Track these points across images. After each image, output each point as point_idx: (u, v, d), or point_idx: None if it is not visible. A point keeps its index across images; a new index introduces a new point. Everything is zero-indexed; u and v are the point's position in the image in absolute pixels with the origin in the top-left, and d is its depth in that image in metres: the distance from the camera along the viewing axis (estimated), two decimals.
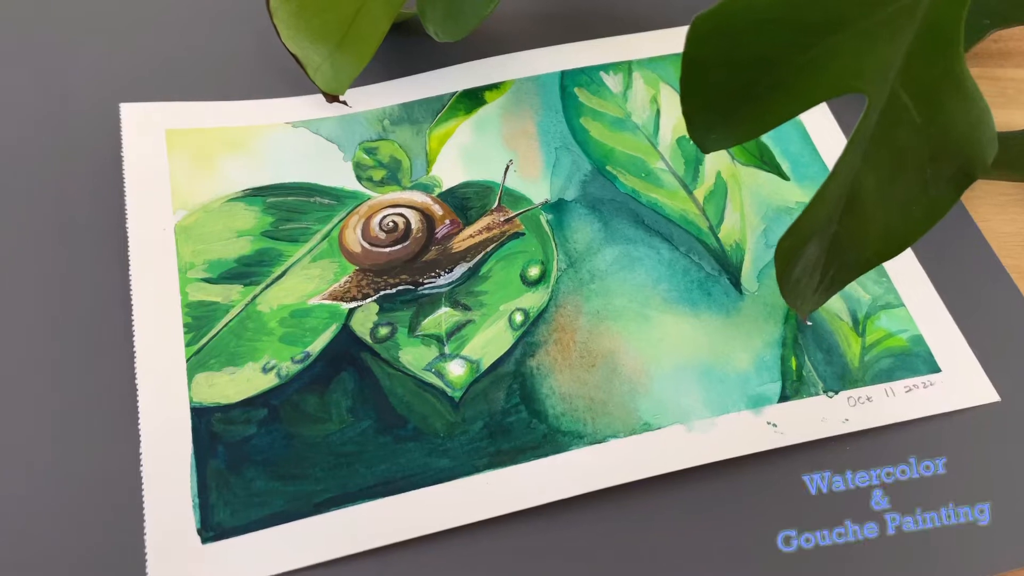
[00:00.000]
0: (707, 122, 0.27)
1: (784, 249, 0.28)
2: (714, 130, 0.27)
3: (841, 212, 0.27)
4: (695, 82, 0.26)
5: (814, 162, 0.40)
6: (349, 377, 0.33)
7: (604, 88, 0.41)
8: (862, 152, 0.26)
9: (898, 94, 0.25)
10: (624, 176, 0.39)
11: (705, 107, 0.26)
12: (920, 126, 0.25)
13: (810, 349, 0.34)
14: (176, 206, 0.37)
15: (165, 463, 0.31)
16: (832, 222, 0.28)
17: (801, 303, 0.30)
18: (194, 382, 0.32)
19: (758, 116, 0.27)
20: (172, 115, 0.39)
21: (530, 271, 0.36)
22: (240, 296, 0.35)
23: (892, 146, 0.26)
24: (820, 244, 0.28)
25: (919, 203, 0.26)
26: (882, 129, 0.25)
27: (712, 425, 0.32)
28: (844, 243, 0.28)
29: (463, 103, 0.41)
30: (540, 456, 0.32)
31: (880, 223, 0.27)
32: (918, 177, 0.26)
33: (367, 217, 0.37)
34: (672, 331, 0.34)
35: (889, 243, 0.28)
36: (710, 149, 0.28)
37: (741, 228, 0.37)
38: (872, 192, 0.27)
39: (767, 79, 0.25)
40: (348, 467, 0.31)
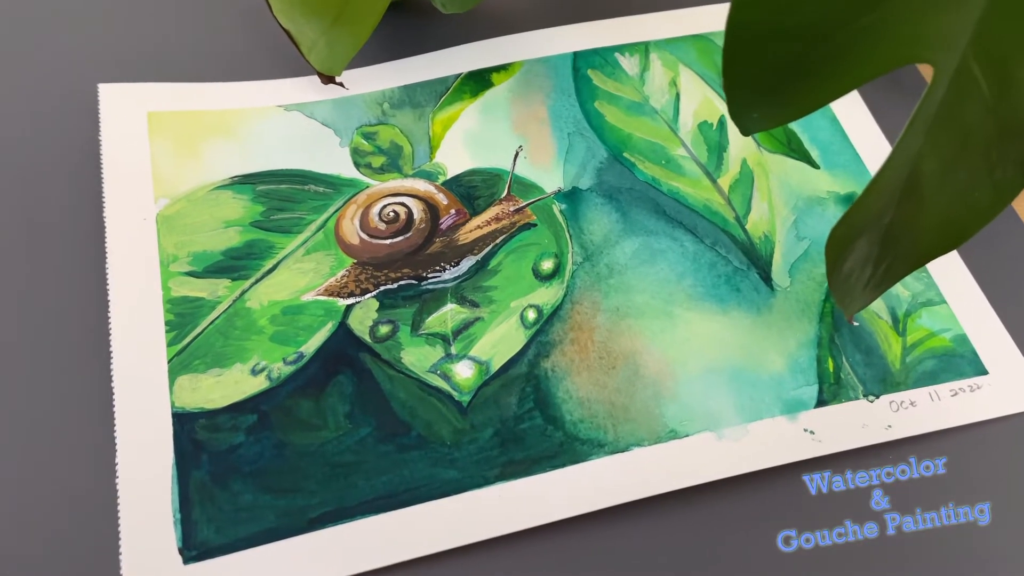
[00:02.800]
0: (751, 99, 0.24)
1: (836, 239, 0.25)
2: (758, 108, 0.24)
3: (897, 200, 0.25)
4: (739, 54, 0.23)
5: (845, 150, 0.37)
6: (347, 380, 0.30)
7: (620, 70, 0.39)
8: (924, 131, 0.23)
9: (968, 66, 0.22)
10: (643, 163, 0.36)
11: (750, 82, 0.24)
12: (990, 102, 0.22)
13: (848, 350, 0.32)
14: (158, 194, 0.34)
15: (143, 474, 0.28)
16: (887, 211, 0.25)
17: (849, 301, 0.27)
18: (176, 385, 0.30)
19: (808, 92, 0.24)
20: (154, 97, 0.36)
21: (543, 265, 0.33)
22: (227, 291, 0.32)
23: (958, 125, 0.23)
24: (873, 236, 0.26)
25: (983, 188, 0.24)
26: (948, 105, 0.23)
27: (744, 432, 0.30)
28: (898, 234, 0.26)
29: (468, 85, 0.38)
30: (556, 467, 0.29)
31: (939, 211, 0.25)
32: (983, 160, 0.23)
33: (366, 206, 0.34)
34: (699, 330, 0.32)
35: (948, 234, 0.25)
36: (751, 131, 0.25)
37: (770, 219, 0.35)
38: (932, 177, 0.24)
39: (821, 49, 0.23)
40: (345, 479, 0.28)
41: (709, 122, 0.37)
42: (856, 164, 0.37)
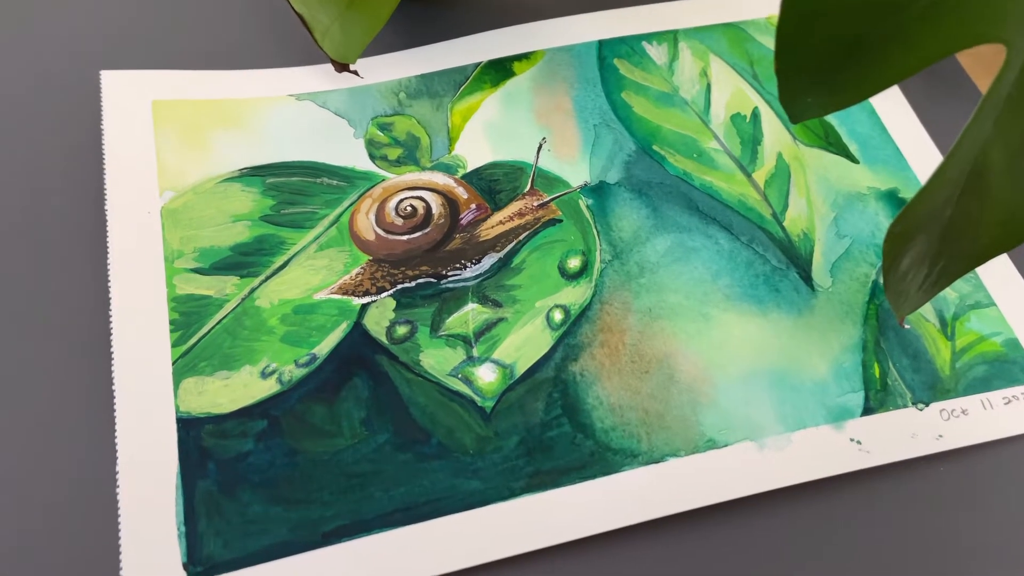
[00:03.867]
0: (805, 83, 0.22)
1: (895, 236, 0.24)
2: (812, 93, 0.23)
3: (960, 193, 0.23)
4: (795, 33, 0.21)
5: (885, 144, 0.35)
6: (362, 383, 0.28)
7: (647, 59, 0.37)
8: (993, 119, 0.21)
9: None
10: (673, 156, 0.34)
11: (805, 65, 0.22)
12: None
13: (894, 354, 0.30)
14: (163, 187, 0.32)
15: (146, 484, 0.27)
16: (948, 205, 0.23)
17: (903, 302, 0.26)
18: (181, 388, 0.28)
19: (868, 75, 0.22)
20: (160, 84, 0.35)
21: (569, 262, 0.31)
22: (236, 289, 0.30)
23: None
24: (932, 232, 0.24)
25: None
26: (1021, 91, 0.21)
27: (787, 442, 0.28)
28: (958, 230, 0.24)
29: (489, 75, 0.36)
30: (586, 478, 0.27)
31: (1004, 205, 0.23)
32: None
33: (381, 201, 0.32)
34: (737, 332, 0.30)
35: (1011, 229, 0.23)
36: (802, 117, 0.24)
37: (808, 216, 0.33)
38: (1000, 167, 0.22)
39: (884, 26, 0.21)
40: (361, 490, 0.27)
41: (742, 114, 0.35)
42: (897, 159, 0.35)
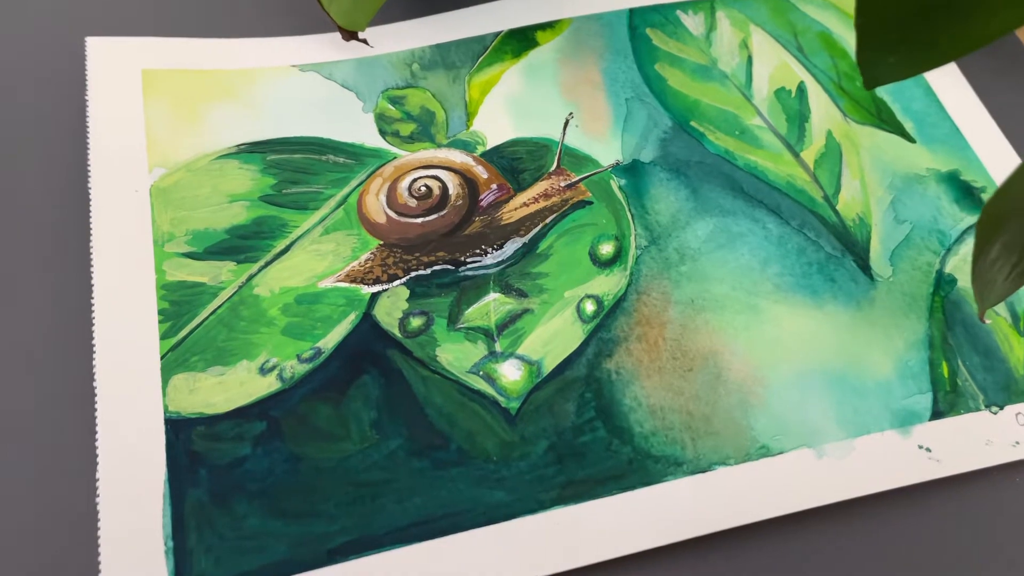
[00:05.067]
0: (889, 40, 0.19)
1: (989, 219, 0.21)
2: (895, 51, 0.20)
3: None
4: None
5: (942, 121, 0.32)
6: (372, 381, 0.25)
7: (683, 29, 0.34)
8: None
9: None
10: (713, 133, 0.31)
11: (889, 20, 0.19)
12: None
13: (964, 351, 0.27)
14: (153, 163, 0.29)
15: (129, 493, 0.24)
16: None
17: (988, 292, 0.23)
18: (170, 386, 0.25)
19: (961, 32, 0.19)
20: (151, 53, 0.32)
21: (601, 248, 0.28)
22: (232, 276, 0.27)
23: None
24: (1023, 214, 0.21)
25: None
26: None
27: (849, 449, 0.25)
28: None
29: (510, 45, 0.33)
30: (625, 489, 0.24)
31: None
32: None
33: (393, 180, 0.29)
34: (790, 326, 0.27)
35: None
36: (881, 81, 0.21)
37: (863, 199, 0.30)
38: None
39: None
40: (372, 501, 0.24)
41: (787, 89, 0.32)
42: (956, 138, 0.32)
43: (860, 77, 0.33)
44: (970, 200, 0.30)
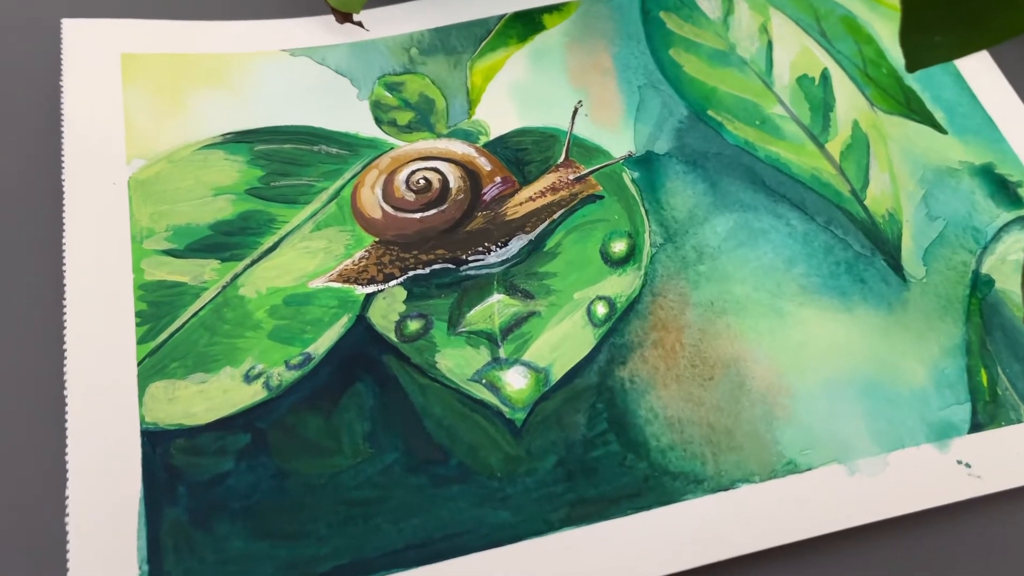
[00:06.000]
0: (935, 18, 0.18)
1: None
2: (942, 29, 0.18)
3: None
4: None
5: (974, 112, 0.30)
6: (366, 390, 0.24)
7: (698, 13, 0.32)
8: None
9: None
10: (732, 123, 0.29)
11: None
12: None
13: (1003, 358, 0.25)
14: (131, 154, 0.27)
15: (101, 511, 0.22)
16: None
17: None
18: (147, 395, 0.23)
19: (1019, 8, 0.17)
20: (131, 35, 0.30)
21: (614, 246, 0.26)
22: (216, 275, 0.25)
23: None
24: None
25: None
26: None
27: (883, 465, 0.23)
28: None
29: (515, 28, 0.31)
30: (640, 508, 0.22)
31: None
32: None
33: (390, 172, 0.27)
34: (817, 331, 0.25)
35: None
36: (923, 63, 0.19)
37: (893, 193, 0.28)
38: None
39: None
40: (365, 521, 0.22)
41: (810, 76, 0.30)
42: (989, 129, 0.30)
43: (886, 64, 0.31)
44: (1006, 195, 0.28)
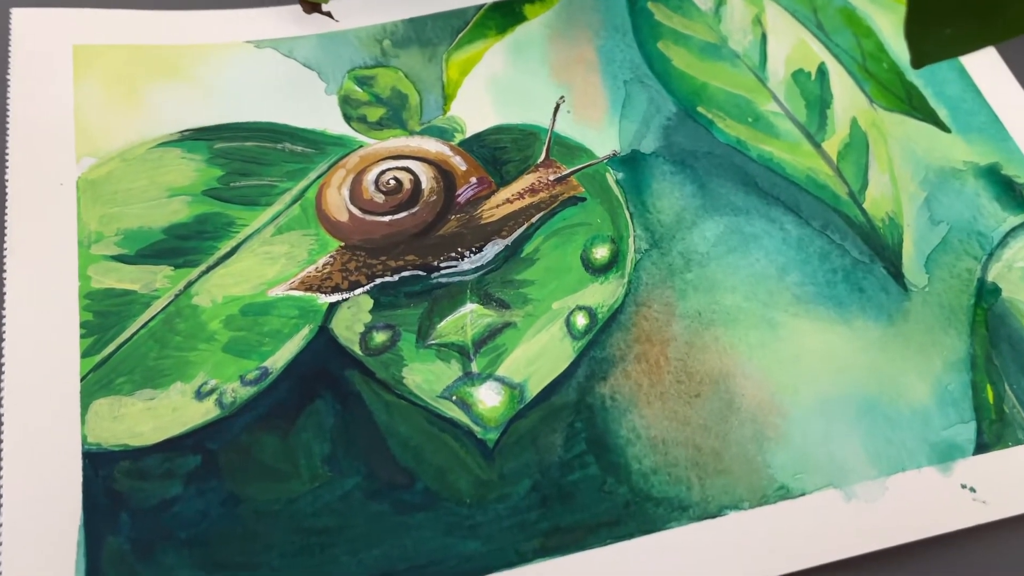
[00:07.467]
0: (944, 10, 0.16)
1: None
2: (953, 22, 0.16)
3: None
4: None
5: (980, 109, 0.29)
6: (326, 408, 0.22)
7: (688, 3, 0.30)
8: None
9: None
10: (723, 121, 0.27)
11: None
12: None
13: (1010, 373, 0.23)
14: (81, 152, 0.26)
15: (37, 540, 0.20)
16: None
17: None
18: (91, 412, 0.22)
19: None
20: (84, 26, 0.28)
21: (595, 252, 0.25)
22: (168, 283, 0.24)
23: None
24: None
25: None
26: None
27: (881, 490, 0.21)
28: None
29: (493, 19, 0.29)
30: (620, 537, 0.21)
31: None
32: None
33: (358, 172, 0.26)
34: (812, 344, 0.23)
35: None
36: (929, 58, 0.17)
37: (894, 196, 0.26)
38: None
39: None
40: (322, 552, 0.20)
41: (806, 71, 0.29)
42: (995, 127, 0.28)
43: (887, 58, 0.30)
44: (1012, 197, 0.27)
